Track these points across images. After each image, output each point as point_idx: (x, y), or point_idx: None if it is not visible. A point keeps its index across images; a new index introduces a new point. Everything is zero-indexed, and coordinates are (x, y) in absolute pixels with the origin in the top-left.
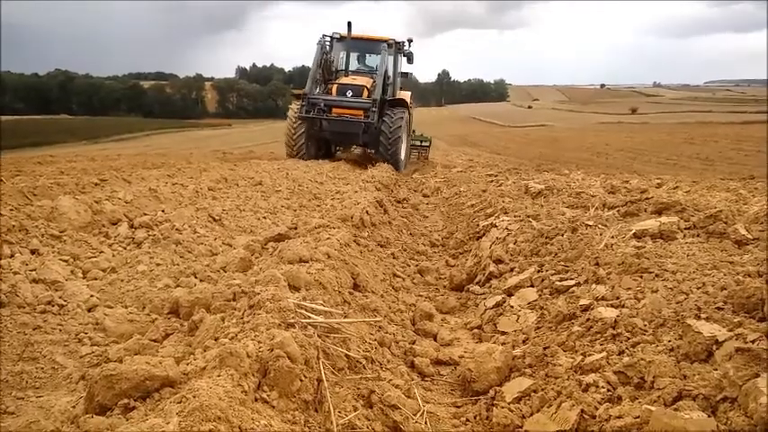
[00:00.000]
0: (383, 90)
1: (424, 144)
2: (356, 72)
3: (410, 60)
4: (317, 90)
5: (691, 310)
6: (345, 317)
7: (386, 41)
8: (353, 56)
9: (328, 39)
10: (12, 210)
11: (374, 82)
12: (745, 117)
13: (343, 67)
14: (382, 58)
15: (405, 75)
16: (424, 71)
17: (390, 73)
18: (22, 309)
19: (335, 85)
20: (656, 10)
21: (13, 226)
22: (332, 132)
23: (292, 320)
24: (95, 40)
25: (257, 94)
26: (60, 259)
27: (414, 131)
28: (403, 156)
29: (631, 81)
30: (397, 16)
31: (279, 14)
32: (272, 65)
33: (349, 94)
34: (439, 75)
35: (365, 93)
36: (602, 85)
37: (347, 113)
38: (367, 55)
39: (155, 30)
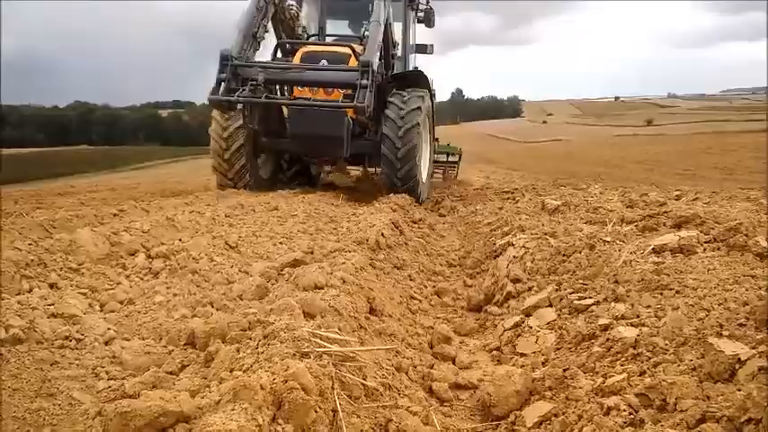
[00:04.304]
0: (385, 63)
1: (452, 158)
2: (338, 39)
3: (429, 23)
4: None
5: (712, 327)
6: (362, 343)
7: None
8: (331, 17)
9: None
10: (30, 244)
11: (365, 42)
12: (764, 125)
13: (317, 33)
14: (378, 5)
15: (422, 48)
16: (438, 90)
17: (399, 40)
18: (40, 344)
19: (300, 53)
20: (668, 20)
21: (32, 260)
22: (294, 138)
23: (307, 350)
24: (114, 71)
25: None
26: (78, 292)
27: (437, 140)
28: (425, 174)
29: (646, 92)
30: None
31: None
32: None
33: (323, 64)
34: (453, 93)
35: (352, 62)
36: (617, 98)
37: (317, 96)
38: (364, 22)
39: (171, 59)
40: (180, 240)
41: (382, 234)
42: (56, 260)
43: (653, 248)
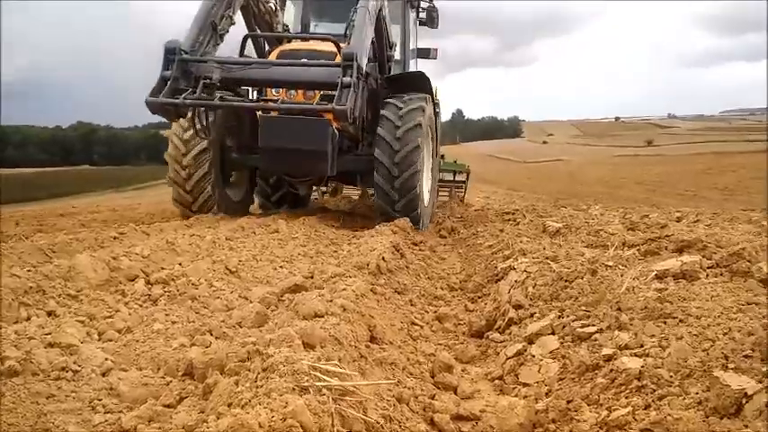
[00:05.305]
0: (380, 65)
1: (459, 178)
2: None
3: (432, 23)
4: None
5: (717, 359)
6: (362, 374)
7: None
8: (318, 19)
9: None
10: (29, 270)
11: (349, 37)
12: (763, 146)
13: (300, 31)
14: None
15: (425, 53)
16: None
17: (397, 41)
18: (36, 376)
19: (277, 51)
20: (667, 42)
21: (31, 287)
22: (266, 153)
23: (306, 384)
24: (116, 92)
25: None
26: (77, 320)
27: (443, 157)
28: (427, 198)
29: (646, 113)
30: None
31: None
32: None
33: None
34: (453, 114)
35: (336, 60)
36: (617, 118)
37: (292, 100)
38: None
39: None
40: (180, 265)
41: (383, 258)
42: (54, 287)
43: (656, 274)
